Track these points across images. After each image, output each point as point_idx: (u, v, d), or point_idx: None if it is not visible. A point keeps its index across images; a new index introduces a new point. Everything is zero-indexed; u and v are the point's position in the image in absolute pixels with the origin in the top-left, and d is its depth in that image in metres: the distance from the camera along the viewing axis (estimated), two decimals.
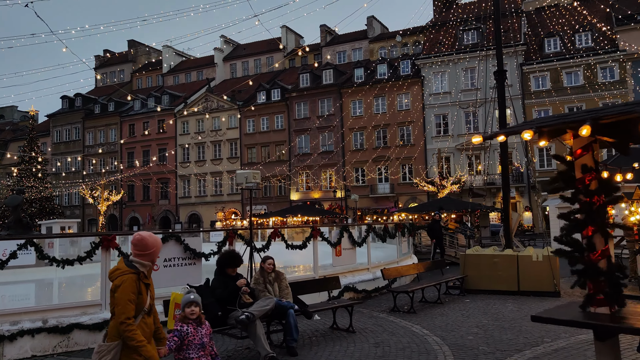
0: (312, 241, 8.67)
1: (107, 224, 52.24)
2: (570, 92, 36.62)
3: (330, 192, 42.41)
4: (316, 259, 8.72)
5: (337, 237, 9.16)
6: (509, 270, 9.76)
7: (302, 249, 8.41)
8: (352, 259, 9.55)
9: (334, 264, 9.11)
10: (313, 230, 8.64)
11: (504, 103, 10.62)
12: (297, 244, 8.44)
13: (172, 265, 6.86)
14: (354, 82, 42.74)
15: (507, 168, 10.65)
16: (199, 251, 7.05)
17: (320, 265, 9.25)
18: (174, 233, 6.99)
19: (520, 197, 38.10)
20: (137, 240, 3.19)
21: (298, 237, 19.19)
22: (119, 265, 3.20)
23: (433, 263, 9.94)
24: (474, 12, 40.83)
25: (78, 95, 56.76)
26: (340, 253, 9.16)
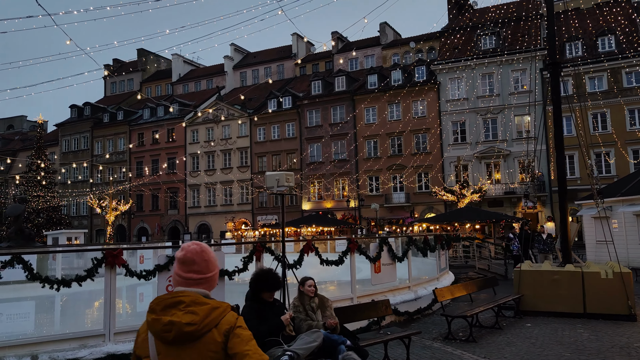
0: (349, 256, 7.47)
1: (115, 234, 51.31)
2: (594, 98, 35.27)
3: (343, 201, 41.17)
4: (354, 277, 7.50)
5: (375, 250, 7.95)
6: (572, 289, 8.47)
7: (339, 264, 7.20)
8: (392, 276, 8.33)
9: (373, 282, 7.89)
10: (350, 243, 7.45)
11: (559, 100, 9.41)
12: (333, 258, 7.23)
13: None
14: (367, 88, 41.68)
15: (564, 170, 9.40)
16: (221, 268, 5.88)
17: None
18: None
19: (542, 207, 36.63)
20: (198, 254, 1.95)
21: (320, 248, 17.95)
22: (213, 302, 1.89)
23: (484, 280, 8.71)
24: (490, 16, 39.72)
25: (87, 104, 56.22)
26: (379, 269, 7.94)
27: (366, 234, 37.34)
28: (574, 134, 34.62)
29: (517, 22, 38.21)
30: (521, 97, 37.34)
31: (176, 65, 58.09)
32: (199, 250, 1.94)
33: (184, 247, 1.97)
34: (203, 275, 1.91)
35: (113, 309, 5.12)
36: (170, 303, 1.83)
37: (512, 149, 37.09)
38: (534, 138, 16.83)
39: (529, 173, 27.96)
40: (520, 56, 37.42)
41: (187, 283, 1.89)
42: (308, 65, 52.12)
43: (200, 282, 1.90)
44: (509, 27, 39.45)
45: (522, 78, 37.90)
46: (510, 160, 37.21)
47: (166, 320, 1.77)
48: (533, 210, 36.79)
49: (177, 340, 1.77)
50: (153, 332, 1.82)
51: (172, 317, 1.78)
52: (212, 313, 1.81)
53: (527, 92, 37.27)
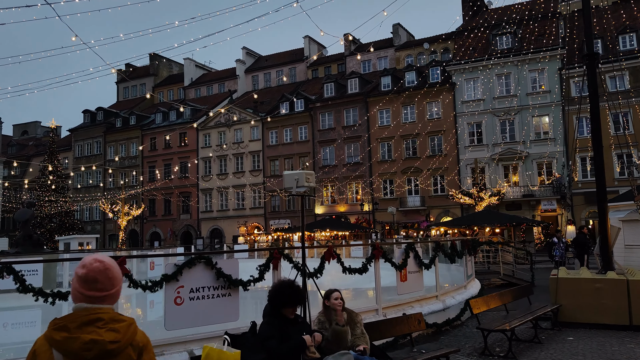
0: (374, 263, 6.85)
1: (127, 239, 51.18)
2: (614, 98, 34.20)
3: (357, 205, 40.49)
4: (378, 286, 6.87)
5: (401, 257, 7.32)
6: (617, 299, 7.75)
7: (362, 272, 6.58)
8: (419, 285, 7.68)
9: (399, 291, 7.25)
10: (374, 249, 6.83)
11: (596, 94, 8.71)
12: (356, 266, 6.62)
13: (200, 298, 5.10)
14: (381, 90, 41.03)
15: (602, 168, 8.69)
16: (235, 277, 5.30)
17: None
18: (202, 254, 5.24)
19: (562, 210, 35.59)
20: (102, 273, 1.83)
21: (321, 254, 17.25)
22: (127, 319, 1.86)
23: (520, 290, 8.03)
24: (506, 15, 38.86)
25: (100, 109, 56.35)
26: (405, 277, 7.31)
27: (381, 239, 36.60)
28: None
29: (534, 22, 37.32)
30: (539, 98, 36.43)
31: (188, 69, 58.04)
32: (102, 268, 1.83)
33: (86, 265, 1.83)
34: (107, 292, 1.83)
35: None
36: (87, 320, 1.76)
37: (531, 151, 36.16)
38: (576, 139, 16.10)
39: (567, 175, 27.12)
40: (538, 56, 36.53)
41: (90, 300, 1.80)
42: (320, 68, 51.68)
43: (103, 299, 1.82)
44: (525, 27, 38.56)
45: (539, 78, 36.99)
46: (529, 162, 36.27)
47: (87, 339, 1.71)
48: (553, 213, 35.80)
49: (96, 358, 1.72)
50: (66, 351, 1.71)
51: (92, 336, 1.72)
52: (129, 330, 1.81)
53: (546, 93, 36.38)
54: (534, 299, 9.22)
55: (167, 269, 4.94)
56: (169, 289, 4.92)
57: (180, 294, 4.97)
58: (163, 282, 4.90)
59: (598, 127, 8.76)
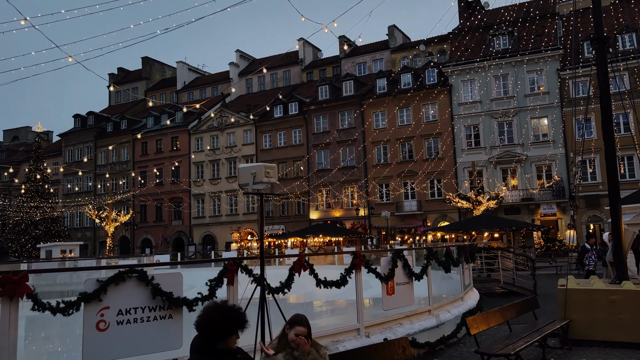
0: (355, 274, 5.86)
1: (117, 246, 50.04)
2: (614, 99, 33.34)
3: (352, 210, 39.50)
4: (360, 301, 5.88)
5: (388, 267, 6.34)
6: (634, 313, 6.78)
7: (340, 286, 5.61)
8: (408, 298, 6.69)
9: (385, 306, 6.27)
10: (356, 258, 5.86)
11: (607, 82, 7.79)
12: (333, 278, 5.64)
13: (131, 321, 4.11)
14: (376, 93, 40.17)
15: (615, 168, 7.74)
16: (177, 296, 4.31)
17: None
18: (134, 267, 4.23)
19: (562, 214, 34.66)
20: None
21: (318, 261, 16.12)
22: None
23: (524, 303, 7.06)
24: (503, 16, 38.08)
25: (91, 113, 55.37)
26: (393, 290, 6.33)
27: (377, 244, 35.55)
28: (594, 137, 32.79)
29: (531, 22, 36.56)
30: (538, 99, 35.59)
31: (181, 73, 57.18)
32: None
33: None
34: None
35: (12, 357, 3.56)
36: None
37: (530, 153, 35.28)
38: (582, 139, 15.05)
39: (576, 174, 26.12)
40: (536, 56, 35.74)
41: None
42: (315, 71, 50.87)
43: None
44: (523, 27, 37.80)
45: (538, 79, 36.18)
46: (528, 165, 35.38)
47: None
48: (553, 217, 34.88)
49: None
50: None
51: None
52: None
53: (545, 94, 35.55)
54: (540, 311, 8.23)
55: (87, 286, 3.95)
56: (89, 312, 3.93)
57: (104, 317, 3.98)
58: (81, 302, 3.90)
59: (609, 116, 7.84)
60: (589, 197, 33.35)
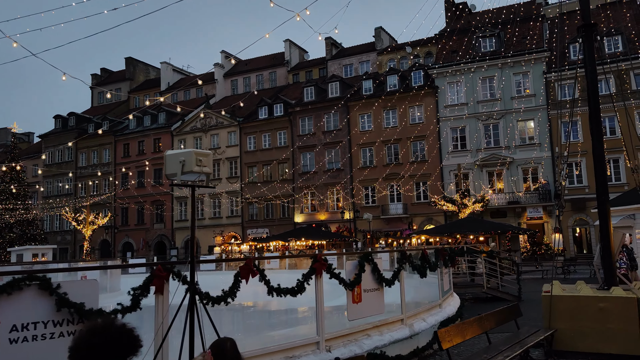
0: (315, 280, 5.20)
1: (97, 249, 48.83)
2: (600, 101, 33.15)
3: (338, 213, 38.86)
4: (321, 312, 5.20)
5: (354, 272, 5.70)
6: (625, 322, 6.20)
7: (298, 293, 4.94)
8: (378, 306, 6.05)
9: (350, 316, 5.61)
10: (315, 261, 5.20)
11: (594, 69, 7.25)
12: (289, 285, 4.98)
13: (29, 339, 3.40)
14: (362, 94, 39.66)
15: (604, 167, 7.19)
16: (90, 307, 3.62)
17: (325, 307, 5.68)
18: (33, 274, 3.51)
19: (549, 217, 34.36)
20: None
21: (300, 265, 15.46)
22: None
23: (506, 312, 6.46)
24: (489, 18, 37.87)
25: (72, 114, 54.20)
26: (359, 298, 5.68)
27: (362, 248, 34.95)
28: (581, 139, 32.55)
29: (517, 24, 36.37)
30: (524, 102, 35.33)
31: (165, 73, 56.20)
32: None
33: None
34: None
35: None
36: None
37: (516, 156, 34.98)
38: (568, 140, 14.51)
39: (562, 171, 25.59)
40: (522, 59, 35.51)
41: None
42: (301, 73, 50.26)
43: None
44: (509, 29, 37.59)
45: (524, 81, 35.94)
46: (514, 167, 35.07)
47: None
48: (539, 221, 34.56)
49: None
50: None
51: None
52: None
53: (530, 96, 35.30)
54: (523, 320, 7.64)
55: None
56: None
57: None
58: None
59: (597, 107, 7.29)
60: (575, 200, 33.10)
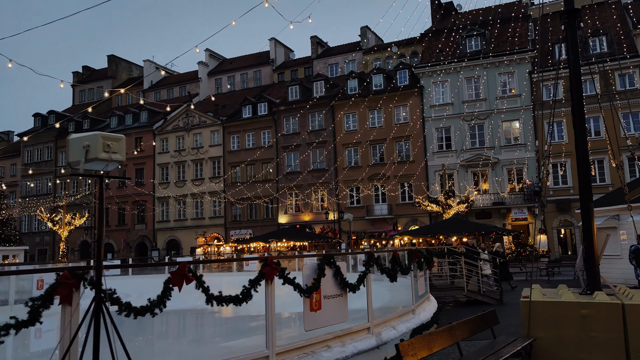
0: (265, 286, 4.62)
1: (77, 251, 47.69)
2: (586, 102, 33.02)
3: (322, 214, 38.29)
4: (271, 321, 4.61)
5: (312, 277, 5.13)
6: (609, 330, 5.71)
7: (242, 302, 4.35)
8: (340, 315, 5.48)
9: (307, 326, 5.02)
10: (266, 265, 4.61)
11: (577, 59, 6.78)
12: (234, 291, 4.38)
13: None
14: (347, 94, 39.15)
15: (588, 166, 6.72)
16: None
17: (282, 314, 5.15)
18: None
19: (534, 219, 34.13)
20: None
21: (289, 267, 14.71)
22: None
23: (479, 320, 5.92)
24: (475, 18, 37.64)
25: (52, 112, 52.97)
26: (318, 305, 5.11)
27: (346, 249, 34.42)
28: (565, 140, 32.38)
29: (503, 24, 36.18)
30: (509, 102, 35.10)
31: (148, 72, 55.17)
32: None
33: None
34: None
35: None
36: None
37: (501, 157, 34.72)
38: (550, 136, 14.08)
39: (544, 165, 25.13)
40: (507, 58, 35.28)
41: None
42: (286, 72, 49.65)
43: None
44: (495, 30, 37.36)
45: (509, 82, 35.71)
46: (499, 168, 34.81)
47: None
48: (524, 222, 34.33)
49: None
50: None
51: None
52: None
53: (516, 97, 35.08)
54: (502, 327, 7.12)
55: None
56: None
57: None
58: None
59: (580, 95, 6.81)
60: (560, 201, 32.92)
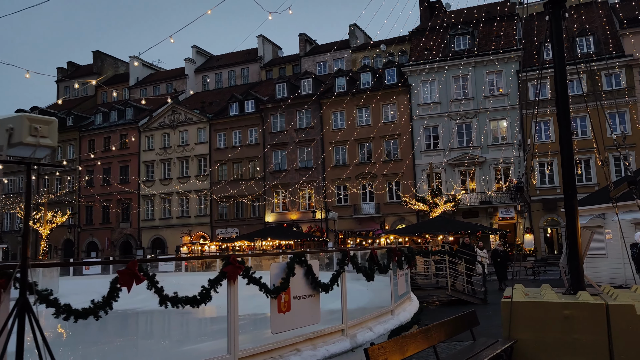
0: (228, 287, 4.30)
1: (61, 249, 46.90)
2: (572, 101, 33.08)
3: (310, 212, 37.97)
4: (234, 323, 4.28)
5: (280, 276, 4.82)
6: (593, 332, 5.47)
7: (199, 304, 4.03)
8: (312, 316, 5.18)
9: (275, 328, 4.71)
10: (228, 264, 4.29)
11: (562, 50, 6.54)
12: (193, 292, 4.06)
13: None
14: (335, 92, 38.87)
15: (572, 162, 6.49)
16: None
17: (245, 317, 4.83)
18: None
19: (521, 218, 34.15)
20: None
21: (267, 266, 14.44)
22: None
23: (458, 321, 5.65)
24: (463, 17, 37.56)
25: (34, 108, 51.92)
26: (287, 307, 4.81)
27: (312, 250, 34.10)
28: (552, 140, 32.42)
29: (491, 23, 36.14)
30: (497, 101, 35.08)
31: (134, 68, 54.43)
32: None
33: None
34: None
35: None
36: None
37: (488, 156, 34.68)
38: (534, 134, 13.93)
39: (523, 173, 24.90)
40: (495, 57, 35.24)
41: None
42: (274, 69, 49.22)
43: None
44: (483, 29, 37.37)
45: (497, 81, 35.68)
46: (486, 167, 34.76)
47: None
48: (511, 221, 34.32)
49: None
50: None
51: None
52: None
53: (503, 96, 35.06)
54: (483, 328, 6.87)
55: None
56: None
57: None
58: None
59: (565, 91, 6.57)
60: (546, 200, 32.97)
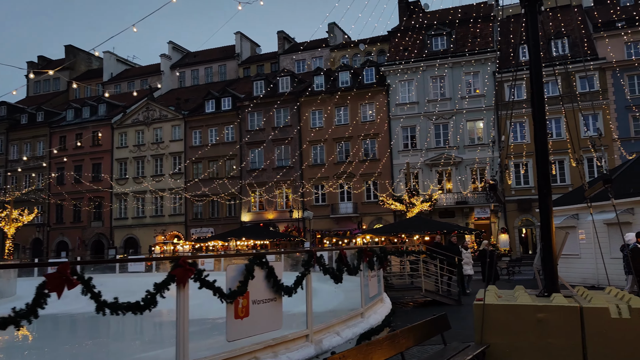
0: (177, 291, 3.92)
1: (29, 249, 45.45)
2: (547, 103, 33.45)
3: (286, 212, 37.59)
4: (184, 331, 3.91)
5: (238, 279, 4.46)
6: (567, 336, 5.26)
7: (143, 310, 3.64)
8: (273, 321, 4.83)
9: (230, 336, 4.35)
10: (177, 267, 3.91)
11: (537, 46, 6.34)
12: (132, 299, 3.67)
13: None
14: (313, 90, 38.53)
15: (547, 162, 6.29)
16: None
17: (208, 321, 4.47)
18: None
19: (496, 218, 34.40)
20: None
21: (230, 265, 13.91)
22: None
23: (428, 325, 5.36)
24: (442, 17, 37.68)
25: (3, 103, 50.26)
26: (245, 312, 4.45)
27: (274, 251, 33.78)
28: (527, 140, 32.72)
29: (468, 24, 36.29)
30: (473, 102, 35.26)
31: (108, 64, 53.17)
32: None
33: None
34: None
35: None
36: None
37: (464, 156, 34.82)
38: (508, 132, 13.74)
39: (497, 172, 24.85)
40: (472, 58, 35.41)
41: None
42: (252, 67, 48.63)
43: None
44: (461, 29, 37.51)
45: (474, 81, 35.86)
46: (462, 168, 34.90)
47: None
48: (487, 222, 34.53)
49: None
50: None
51: None
52: None
53: (480, 96, 35.26)
54: (455, 331, 6.62)
55: None
56: None
57: None
58: None
59: (540, 84, 6.38)
60: (521, 201, 33.27)
